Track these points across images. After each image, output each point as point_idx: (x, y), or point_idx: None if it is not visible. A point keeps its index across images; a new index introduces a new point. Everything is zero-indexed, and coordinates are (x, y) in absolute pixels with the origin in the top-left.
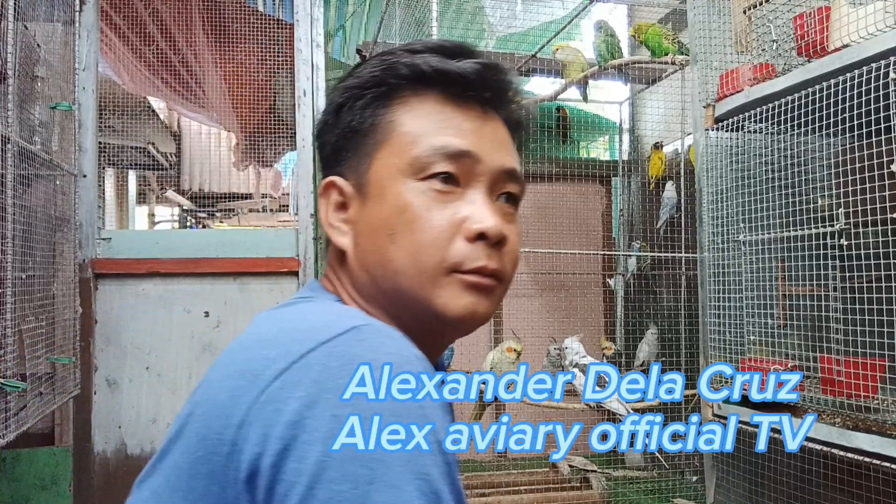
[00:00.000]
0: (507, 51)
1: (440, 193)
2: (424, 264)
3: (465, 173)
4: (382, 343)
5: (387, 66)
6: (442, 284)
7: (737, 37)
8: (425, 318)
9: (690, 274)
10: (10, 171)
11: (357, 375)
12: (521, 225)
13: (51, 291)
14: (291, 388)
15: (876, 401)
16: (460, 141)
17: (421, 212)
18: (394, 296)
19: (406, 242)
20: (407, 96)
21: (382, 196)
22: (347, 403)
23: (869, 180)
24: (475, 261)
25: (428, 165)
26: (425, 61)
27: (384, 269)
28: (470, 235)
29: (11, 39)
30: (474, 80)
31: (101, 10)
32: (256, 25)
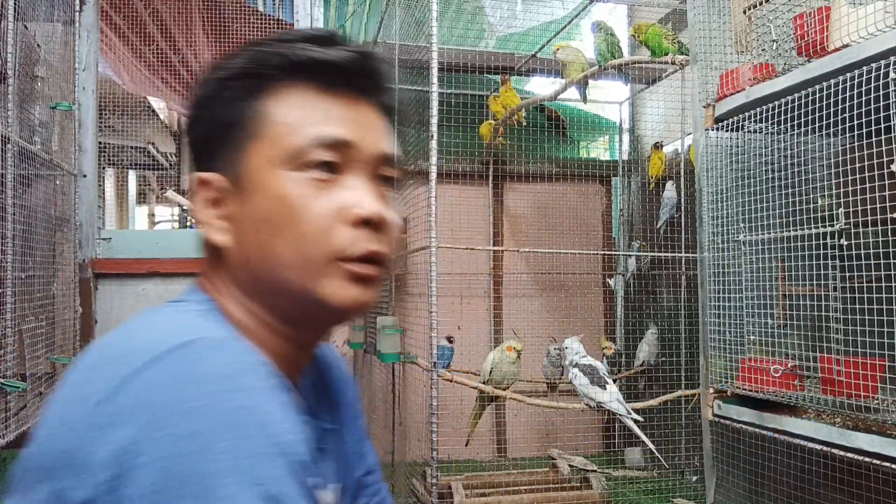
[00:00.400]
0: (507, 51)
1: (319, 182)
2: (309, 254)
3: (343, 161)
4: (212, 357)
5: (256, 57)
6: (327, 274)
7: (737, 37)
8: (311, 309)
9: (690, 274)
10: (10, 171)
11: (186, 393)
12: (523, 224)
13: (51, 291)
14: (120, 413)
15: (876, 401)
16: (337, 129)
17: (301, 202)
18: (278, 289)
19: (288, 234)
20: (279, 87)
21: (260, 189)
22: (178, 423)
23: (869, 180)
24: (360, 246)
25: (304, 156)
26: (297, 51)
27: (268, 262)
28: (353, 221)
29: (11, 39)
30: (347, 69)
31: (101, 10)
32: (256, 25)
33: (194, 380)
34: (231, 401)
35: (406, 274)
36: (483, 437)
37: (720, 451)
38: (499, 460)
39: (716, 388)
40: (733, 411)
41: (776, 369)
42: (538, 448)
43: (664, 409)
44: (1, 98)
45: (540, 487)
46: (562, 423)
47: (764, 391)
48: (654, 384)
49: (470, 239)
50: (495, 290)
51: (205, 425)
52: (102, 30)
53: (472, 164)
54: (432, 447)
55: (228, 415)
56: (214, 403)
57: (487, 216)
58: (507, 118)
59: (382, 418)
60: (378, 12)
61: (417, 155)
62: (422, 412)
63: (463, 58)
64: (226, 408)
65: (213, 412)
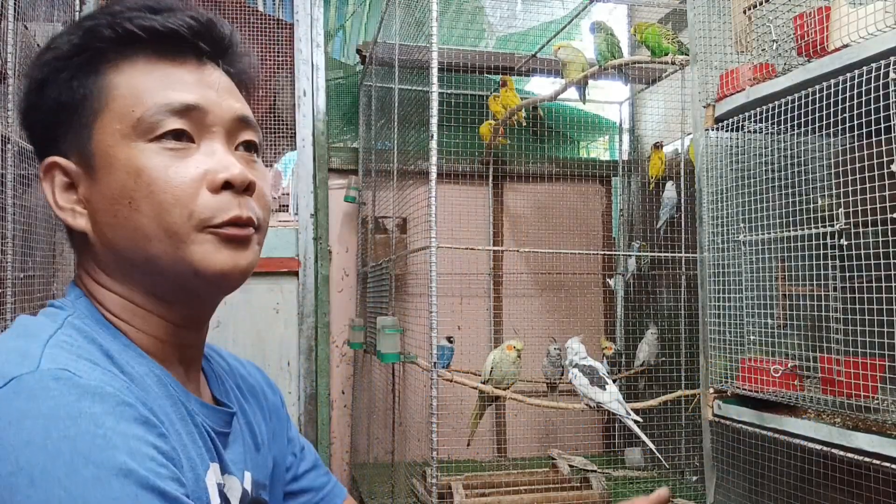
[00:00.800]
0: (507, 51)
1: (175, 151)
2: (173, 225)
3: (196, 127)
4: (41, 392)
5: (87, 32)
6: (195, 241)
7: (737, 37)
8: (185, 281)
9: (690, 274)
10: (10, 171)
11: (6, 433)
12: (523, 224)
13: (51, 291)
14: None
15: (876, 401)
16: (184, 95)
17: (157, 173)
18: (146, 266)
19: (148, 207)
20: (117, 60)
21: (111, 165)
22: (2, 460)
23: (869, 180)
24: (227, 212)
25: (155, 125)
26: (132, 20)
27: (131, 240)
28: (214, 186)
29: (11, 39)
30: (185, 34)
31: None
32: (256, 25)
33: (16, 419)
34: (55, 433)
35: (406, 274)
36: (483, 437)
37: (720, 451)
38: (499, 460)
39: (716, 389)
40: (733, 411)
41: (776, 369)
42: (538, 448)
43: (664, 409)
44: (1, 98)
45: (540, 487)
46: (562, 423)
47: (764, 391)
48: (654, 384)
49: (470, 239)
50: (495, 290)
51: (29, 461)
52: None
53: (472, 164)
54: (432, 447)
55: (53, 447)
56: (36, 439)
57: (487, 216)
58: (507, 118)
59: (382, 418)
60: (378, 12)
61: (417, 155)
62: (422, 412)
63: (463, 58)
64: (49, 441)
65: (36, 448)
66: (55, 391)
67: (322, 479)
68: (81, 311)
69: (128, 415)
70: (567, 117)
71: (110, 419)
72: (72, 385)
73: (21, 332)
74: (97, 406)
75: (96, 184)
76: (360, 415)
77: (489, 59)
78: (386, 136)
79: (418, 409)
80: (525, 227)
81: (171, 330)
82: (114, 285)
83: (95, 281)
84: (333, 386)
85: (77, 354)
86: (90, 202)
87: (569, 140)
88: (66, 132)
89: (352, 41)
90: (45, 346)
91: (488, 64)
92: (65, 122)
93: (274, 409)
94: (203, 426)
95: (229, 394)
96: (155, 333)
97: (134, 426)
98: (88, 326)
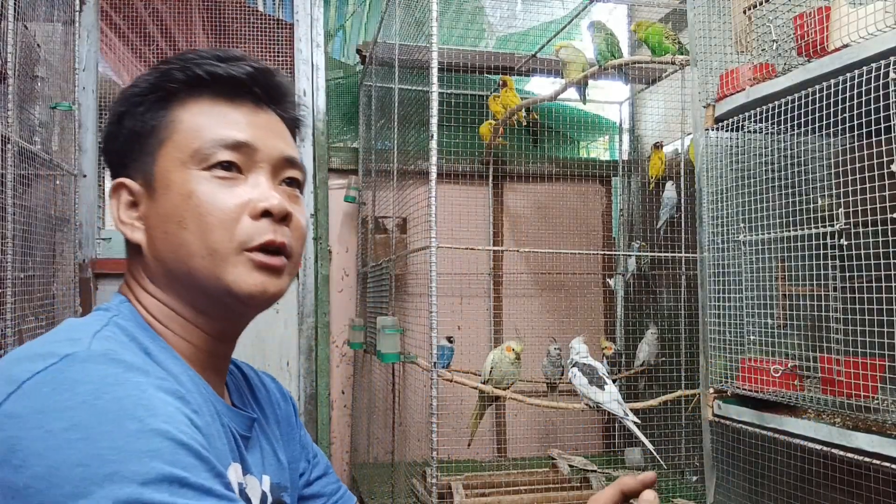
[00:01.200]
0: (507, 51)
1: (223, 180)
2: (214, 244)
3: (245, 162)
4: (93, 365)
5: (162, 74)
6: (233, 263)
7: (737, 37)
8: (219, 297)
9: (690, 274)
10: (10, 171)
11: (62, 396)
12: (523, 224)
13: (51, 291)
14: (8, 415)
15: (876, 401)
16: (236, 133)
17: (206, 197)
18: (187, 280)
19: (195, 226)
20: (184, 98)
21: (168, 188)
22: (56, 419)
23: (869, 180)
24: (262, 235)
25: (209, 156)
26: (199, 66)
27: (176, 254)
28: (254, 213)
29: (11, 39)
30: (244, 80)
31: (101, 10)
32: (256, 25)
33: (70, 385)
34: (105, 396)
35: (406, 274)
36: (483, 437)
37: (720, 451)
38: (499, 460)
39: (716, 388)
40: (733, 411)
41: (776, 369)
42: (538, 448)
43: (664, 409)
44: (1, 98)
45: (540, 487)
46: (562, 423)
47: (764, 391)
48: (654, 384)
49: (470, 239)
50: (495, 290)
51: (82, 418)
52: (102, 30)
53: (472, 164)
54: (432, 447)
55: (102, 406)
56: (89, 401)
57: (487, 216)
58: (508, 118)
59: (382, 418)
60: (378, 12)
61: (417, 155)
62: (422, 412)
63: (463, 58)
64: (100, 402)
65: (88, 407)
66: (104, 364)
67: (333, 485)
68: (125, 314)
69: (167, 388)
70: (567, 117)
71: (151, 388)
72: (118, 361)
73: (68, 328)
74: (141, 377)
75: (154, 203)
76: (360, 415)
77: (489, 59)
78: (386, 136)
79: (418, 409)
80: (525, 227)
81: (205, 339)
82: (158, 293)
83: (142, 288)
84: (333, 386)
85: (121, 345)
86: (148, 219)
87: (569, 140)
88: (135, 157)
89: (352, 41)
90: (93, 336)
91: (488, 64)
92: (136, 149)
93: (286, 417)
94: (228, 427)
95: (247, 405)
96: (192, 340)
97: (171, 398)
98: (131, 327)
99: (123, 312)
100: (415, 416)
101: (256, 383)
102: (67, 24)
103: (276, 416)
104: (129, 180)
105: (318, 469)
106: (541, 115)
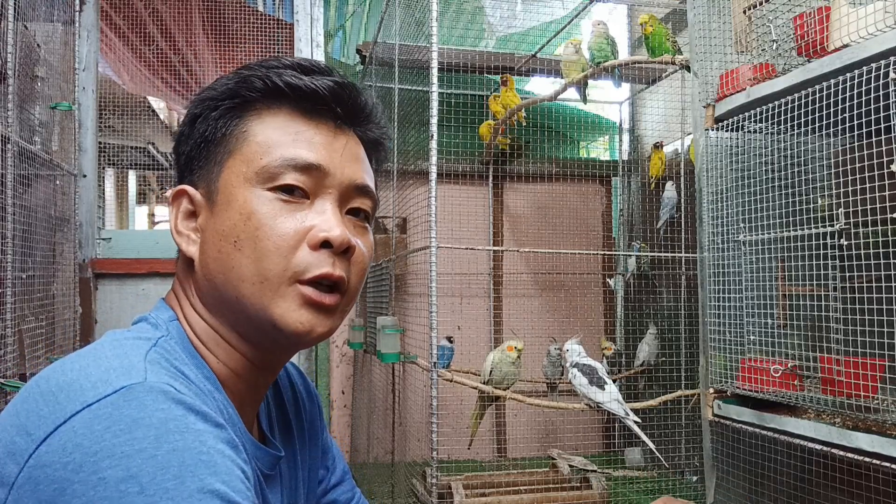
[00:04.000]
0: (507, 51)
1: (287, 203)
2: (267, 272)
3: (313, 185)
4: (145, 405)
5: (242, 80)
6: (282, 294)
7: (737, 37)
8: (264, 328)
9: (690, 274)
10: (10, 171)
11: (119, 439)
12: (523, 224)
13: (51, 291)
14: (57, 452)
15: (876, 401)
16: (310, 154)
17: (266, 220)
18: (235, 304)
19: (250, 250)
20: (260, 108)
21: (229, 203)
22: (114, 467)
23: (869, 180)
24: (318, 267)
25: (276, 176)
26: (280, 76)
27: (227, 276)
28: (314, 243)
29: (11, 39)
30: (326, 96)
31: (101, 10)
32: (256, 25)
33: (127, 427)
34: (165, 445)
35: (406, 274)
36: (483, 437)
37: (720, 451)
38: (499, 460)
39: (716, 388)
40: (733, 411)
41: (776, 369)
42: (538, 448)
43: (664, 409)
44: (1, 98)
45: (540, 487)
46: (562, 423)
47: (764, 391)
48: (654, 384)
49: (470, 239)
50: (495, 290)
51: (140, 469)
52: (102, 30)
53: (472, 164)
54: (432, 447)
55: (163, 458)
56: (149, 450)
57: (487, 216)
58: (508, 118)
59: (382, 418)
60: (378, 12)
61: (417, 155)
62: (422, 412)
63: (463, 58)
64: (160, 452)
65: (147, 457)
66: (164, 404)
67: (348, 494)
68: (174, 335)
69: (223, 437)
70: (567, 117)
71: (211, 438)
72: (178, 401)
73: (114, 346)
74: (201, 423)
75: (214, 218)
76: (360, 415)
77: (489, 59)
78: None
79: (418, 409)
80: (525, 227)
81: (247, 367)
82: (206, 314)
83: (192, 305)
84: (333, 386)
85: (171, 373)
86: (204, 232)
87: (569, 140)
88: (202, 164)
89: (352, 41)
90: (144, 360)
91: (488, 64)
92: (203, 155)
93: (311, 421)
94: (255, 470)
95: (272, 425)
96: (234, 367)
97: (228, 448)
98: (178, 352)
99: (172, 333)
100: (415, 416)
101: (284, 384)
102: (67, 24)
103: (301, 425)
104: (190, 188)
105: (335, 475)
106: (541, 115)
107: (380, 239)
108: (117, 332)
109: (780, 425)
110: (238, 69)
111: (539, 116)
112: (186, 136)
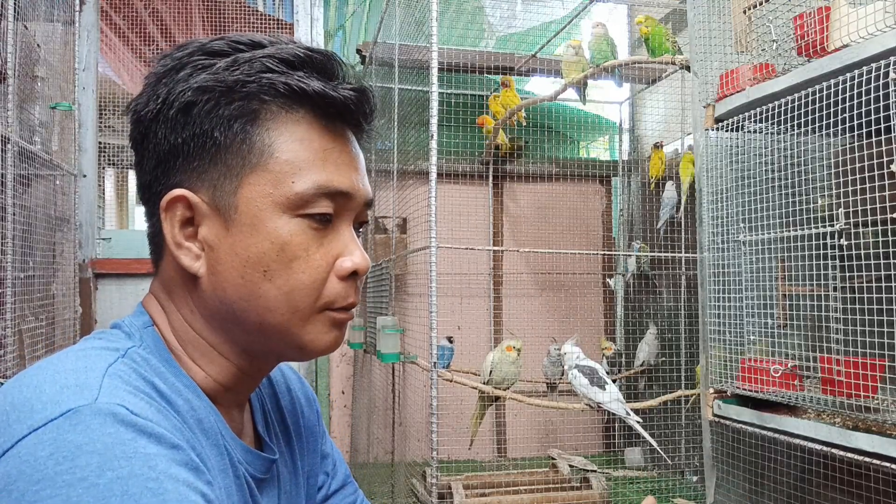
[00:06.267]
0: (507, 51)
1: (317, 231)
2: (300, 304)
3: (338, 209)
4: (98, 428)
5: (261, 81)
6: (312, 322)
7: (737, 37)
8: (283, 350)
9: (690, 274)
10: (10, 171)
11: (61, 467)
12: (523, 224)
13: (51, 291)
14: (3, 479)
15: (876, 401)
16: (342, 180)
17: (300, 252)
18: (255, 329)
19: (282, 281)
20: (277, 111)
21: (255, 228)
22: (53, 496)
23: (869, 180)
24: (347, 298)
25: (308, 204)
26: (307, 83)
27: (250, 303)
28: (342, 274)
29: (11, 39)
30: (352, 109)
31: (101, 10)
32: (256, 25)
33: (70, 454)
34: (108, 473)
35: (406, 274)
36: (483, 437)
37: (720, 451)
38: (499, 460)
39: (716, 388)
40: (733, 411)
41: (776, 369)
42: (538, 448)
43: (664, 409)
44: (1, 98)
45: (540, 487)
46: (562, 423)
47: (764, 391)
48: (654, 384)
49: (470, 239)
50: (495, 290)
51: (80, 499)
52: (102, 30)
53: (472, 164)
54: (432, 447)
55: (105, 487)
56: (90, 478)
57: (487, 216)
58: (507, 118)
59: (382, 418)
60: (378, 12)
61: (417, 155)
62: (422, 412)
63: (463, 58)
64: (102, 481)
65: (88, 486)
66: (111, 428)
67: (349, 499)
68: (148, 345)
69: (179, 459)
70: (567, 117)
71: (163, 462)
72: (128, 423)
73: (79, 358)
74: (152, 447)
75: (230, 237)
76: (360, 415)
77: (489, 59)
78: (386, 136)
79: (418, 409)
80: (525, 227)
81: (238, 377)
82: (200, 325)
83: (183, 318)
84: (333, 386)
85: (134, 387)
86: (213, 249)
87: (569, 140)
88: (205, 167)
89: (352, 41)
90: (104, 375)
91: (488, 64)
92: (209, 156)
93: (309, 427)
94: (244, 476)
95: (272, 434)
96: (221, 379)
97: (184, 471)
98: (151, 362)
99: (146, 341)
100: (415, 416)
101: (282, 389)
102: (67, 24)
103: (299, 430)
104: (190, 194)
105: (336, 480)
106: (541, 115)
107: (380, 239)
108: (90, 337)
109: (780, 425)
110: (248, 61)
111: (539, 116)
112: (175, 120)
